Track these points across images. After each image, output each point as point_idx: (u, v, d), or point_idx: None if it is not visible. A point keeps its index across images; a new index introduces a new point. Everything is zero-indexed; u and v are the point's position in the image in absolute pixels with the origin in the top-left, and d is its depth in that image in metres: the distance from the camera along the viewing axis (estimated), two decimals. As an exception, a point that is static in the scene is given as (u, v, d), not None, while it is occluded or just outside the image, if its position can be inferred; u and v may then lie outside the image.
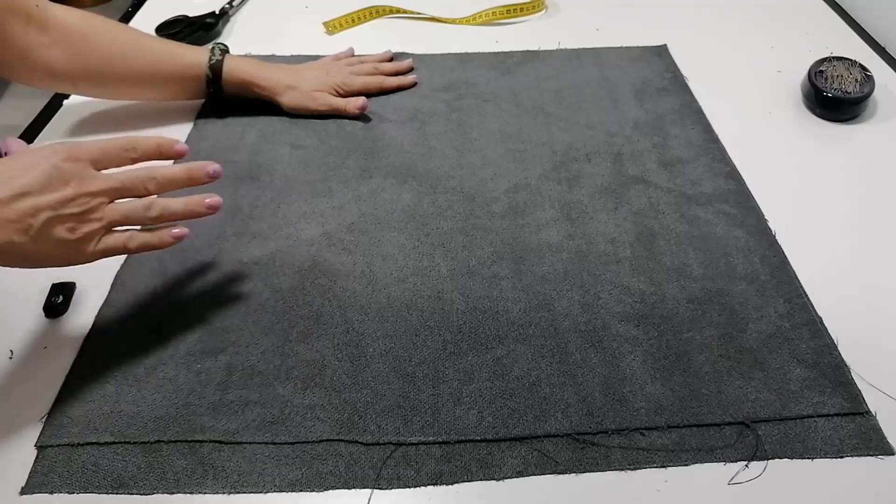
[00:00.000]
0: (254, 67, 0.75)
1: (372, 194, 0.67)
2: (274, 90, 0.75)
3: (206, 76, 0.73)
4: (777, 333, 0.54)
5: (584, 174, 0.69)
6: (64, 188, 0.45)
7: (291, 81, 0.76)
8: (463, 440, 0.47)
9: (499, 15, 0.94)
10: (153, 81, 0.73)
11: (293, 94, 0.75)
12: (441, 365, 0.52)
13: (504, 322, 0.55)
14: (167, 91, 0.75)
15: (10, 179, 0.43)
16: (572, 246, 0.61)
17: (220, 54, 0.74)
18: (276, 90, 0.75)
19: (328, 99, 0.76)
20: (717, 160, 0.70)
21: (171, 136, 0.52)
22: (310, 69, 0.79)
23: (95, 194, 0.46)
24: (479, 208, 0.65)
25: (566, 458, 0.46)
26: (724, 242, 0.61)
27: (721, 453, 0.46)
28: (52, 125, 0.76)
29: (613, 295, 0.57)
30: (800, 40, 0.89)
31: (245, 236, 0.63)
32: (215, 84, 0.74)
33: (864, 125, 0.75)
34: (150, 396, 0.50)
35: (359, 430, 0.48)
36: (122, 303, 0.57)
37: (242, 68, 0.74)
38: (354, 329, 0.54)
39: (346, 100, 0.77)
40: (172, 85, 0.74)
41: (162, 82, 0.74)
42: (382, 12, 0.95)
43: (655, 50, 0.87)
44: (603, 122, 0.76)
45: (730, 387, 0.50)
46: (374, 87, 0.79)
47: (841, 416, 0.48)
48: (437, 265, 0.60)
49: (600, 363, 0.52)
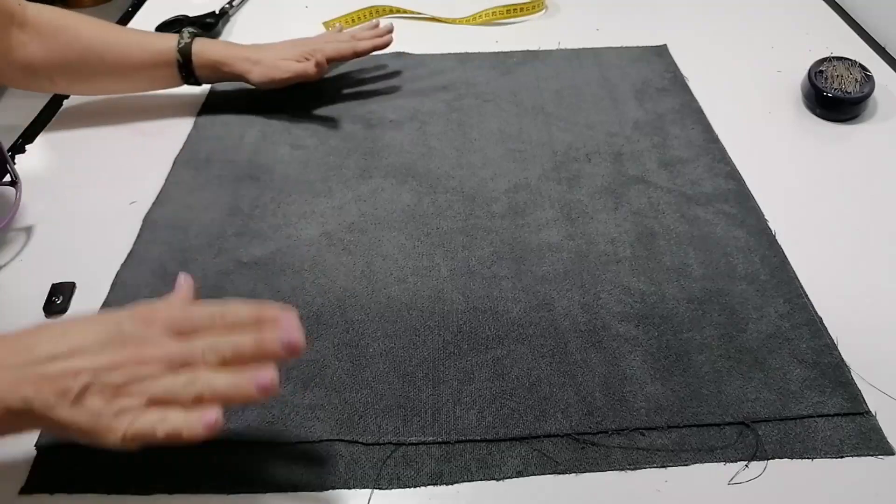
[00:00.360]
0: (222, 48, 0.75)
1: (372, 194, 0.67)
2: (241, 67, 0.74)
3: (177, 60, 0.72)
4: (777, 333, 0.54)
5: (584, 174, 0.69)
6: (117, 352, 0.39)
7: (257, 57, 0.74)
8: (463, 440, 0.47)
9: (499, 15, 0.94)
10: (127, 71, 0.73)
11: (259, 68, 0.74)
12: (441, 365, 0.52)
13: (504, 322, 0.55)
14: (143, 80, 0.75)
15: (67, 335, 0.40)
16: (572, 246, 0.61)
17: (189, 37, 0.73)
18: (242, 67, 0.74)
19: (290, 65, 0.74)
20: (717, 160, 0.70)
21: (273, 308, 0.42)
22: (281, 44, 0.78)
23: (148, 363, 0.39)
24: (479, 208, 0.65)
25: (566, 458, 0.46)
26: (724, 242, 0.61)
27: (721, 453, 0.46)
28: (53, 125, 0.77)
29: (613, 295, 0.57)
30: (800, 40, 0.89)
31: (245, 236, 0.63)
32: (186, 68, 0.73)
33: (864, 125, 0.75)
34: (150, 396, 0.50)
35: (359, 430, 0.48)
36: (122, 303, 0.56)
37: (212, 49, 0.73)
38: (354, 329, 0.54)
39: (305, 63, 0.75)
40: (146, 73, 0.73)
41: (135, 71, 0.73)
42: (382, 12, 0.95)
43: (655, 50, 0.87)
44: (603, 122, 0.76)
45: (730, 387, 0.50)
46: (348, 50, 0.77)
47: (841, 416, 0.48)
48: (437, 265, 0.60)
49: (600, 363, 0.52)
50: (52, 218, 0.65)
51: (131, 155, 0.72)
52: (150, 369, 0.39)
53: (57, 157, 0.72)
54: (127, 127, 0.75)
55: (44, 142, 0.74)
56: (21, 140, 0.74)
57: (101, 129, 0.75)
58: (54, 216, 0.65)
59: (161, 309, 0.42)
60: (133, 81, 0.75)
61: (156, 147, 0.73)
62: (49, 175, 0.70)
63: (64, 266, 0.59)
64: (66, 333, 0.40)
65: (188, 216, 0.64)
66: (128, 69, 0.72)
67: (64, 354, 0.39)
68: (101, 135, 0.75)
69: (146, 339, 0.40)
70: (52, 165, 0.71)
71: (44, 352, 0.39)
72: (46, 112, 0.78)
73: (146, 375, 0.39)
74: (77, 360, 0.39)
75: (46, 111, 0.79)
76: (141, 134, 0.75)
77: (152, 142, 0.74)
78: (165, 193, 0.67)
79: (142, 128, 0.75)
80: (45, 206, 0.66)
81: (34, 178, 0.69)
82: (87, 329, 0.40)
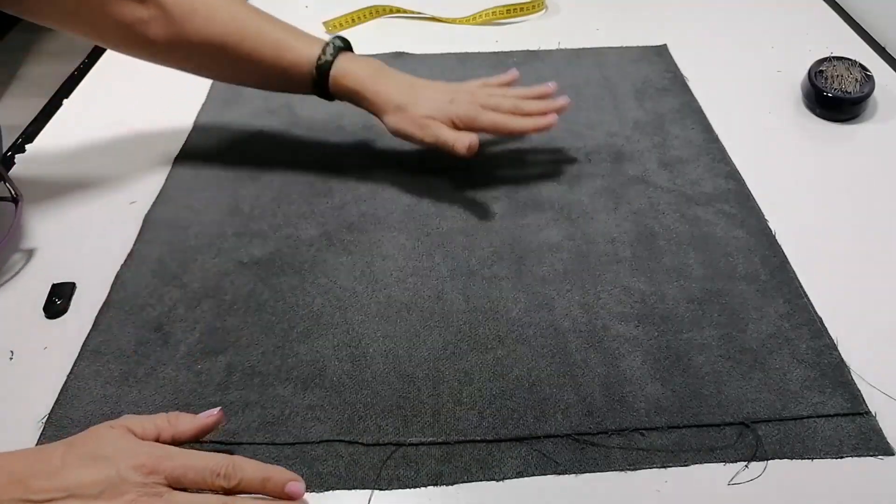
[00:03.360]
0: (367, 76, 0.63)
1: (372, 194, 0.67)
2: (381, 108, 0.63)
3: (312, 77, 0.63)
4: (777, 333, 0.54)
5: (584, 174, 0.69)
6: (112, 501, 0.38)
7: (403, 101, 0.62)
8: (463, 440, 0.47)
9: (499, 15, 0.94)
10: (259, 69, 0.64)
11: (399, 116, 0.62)
12: (441, 365, 0.52)
13: (504, 322, 0.55)
14: (275, 83, 0.66)
15: (64, 473, 0.38)
16: (572, 246, 0.61)
17: (334, 52, 0.63)
18: (383, 109, 0.63)
19: (439, 130, 0.61)
20: (717, 160, 0.70)
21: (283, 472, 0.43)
22: (433, 90, 0.65)
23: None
24: (479, 208, 0.65)
25: (566, 459, 0.46)
26: (725, 242, 0.61)
27: (721, 454, 0.46)
28: (53, 125, 0.76)
29: (613, 295, 0.57)
30: (800, 40, 0.89)
31: (245, 236, 0.63)
32: (321, 86, 0.64)
33: (864, 125, 0.75)
34: (151, 397, 0.50)
35: (359, 430, 0.48)
36: (122, 303, 0.57)
37: (354, 75, 0.63)
38: (354, 329, 0.54)
39: (456, 134, 0.61)
40: (278, 78, 0.64)
41: (268, 72, 0.64)
42: (382, 12, 0.95)
43: (655, 50, 0.87)
44: (603, 121, 0.76)
45: (730, 387, 0.50)
46: (504, 128, 0.64)
47: (841, 417, 0.48)
48: (437, 265, 0.60)
49: (600, 363, 0.52)
50: (53, 218, 0.65)
51: (131, 155, 0.72)
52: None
53: (57, 157, 0.72)
54: (127, 127, 0.75)
55: (44, 142, 0.74)
56: (21, 140, 0.74)
57: (100, 128, 0.75)
58: (54, 216, 0.65)
59: (164, 461, 0.40)
60: (264, 80, 0.66)
61: (156, 147, 0.73)
62: (49, 175, 0.70)
63: (64, 266, 0.60)
64: (63, 469, 0.39)
65: (188, 216, 0.64)
66: (260, 68, 0.64)
67: (56, 493, 0.38)
68: (101, 135, 0.75)
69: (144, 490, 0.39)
70: (53, 165, 0.71)
71: (39, 487, 0.38)
72: (46, 112, 0.78)
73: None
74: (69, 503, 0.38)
75: (46, 111, 0.79)
76: (141, 134, 0.75)
77: (152, 141, 0.74)
78: (165, 193, 0.67)
79: (142, 127, 0.75)
80: (45, 206, 0.66)
81: (34, 178, 0.69)
82: (85, 466, 0.39)
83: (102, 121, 0.76)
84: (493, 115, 0.63)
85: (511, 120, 0.63)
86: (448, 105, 0.63)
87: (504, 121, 0.63)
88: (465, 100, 0.63)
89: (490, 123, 0.63)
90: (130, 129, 0.75)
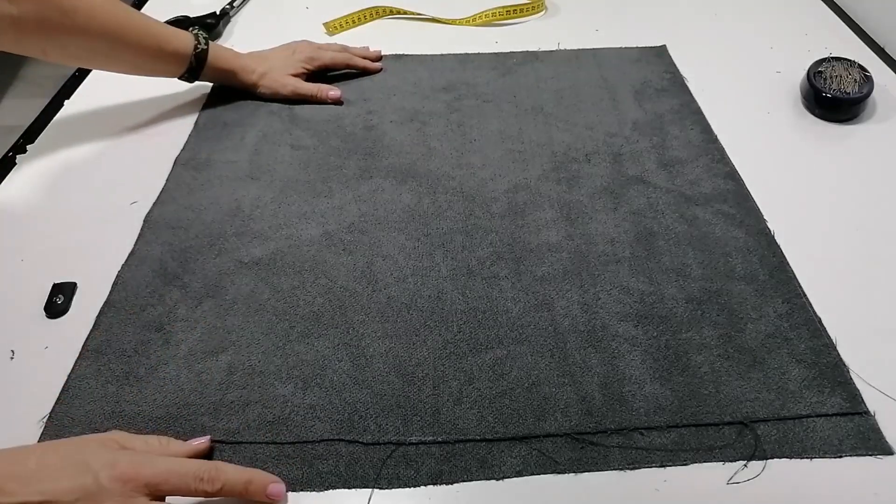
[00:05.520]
0: (233, 57, 0.77)
1: (372, 194, 0.67)
2: (251, 80, 0.78)
3: (190, 63, 0.73)
4: (776, 333, 0.54)
5: (584, 174, 0.69)
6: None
7: (263, 69, 0.78)
8: (463, 440, 0.47)
9: (499, 16, 0.94)
10: (135, 60, 0.71)
11: (265, 80, 0.78)
12: (441, 365, 0.52)
13: (504, 322, 0.55)
14: (145, 69, 0.74)
15: (40, 477, 0.38)
16: (572, 246, 0.61)
17: (205, 43, 0.74)
18: (252, 80, 0.78)
19: (296, 85, 0.78)
20: (716, 160, 0.70)
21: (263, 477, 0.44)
22: (279, 52, 0.81)
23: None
24: (479, 208, 0.65)
25: (566, 458, 0.46)
26: (723, 242, 0.61)
27: (720, 453, 0.46)
28: (53, 125, 0.77)
29: (613, 295, 0.57)
30: (799, 40, 0.89)
31: (245, 236, 0.63)
32: (194, 70, 0.74)
33: (863, 125, 0.75)
34: (152, 396, 0.50)
35: (359, 429, 0.48)
36: (122, 303, 0.57)
37: (223, 58, 0.76)
38: (354, 329, 0.55)
39: (317, 86, 0.79)
40: (152, 65, 0.73)
41: (143, 62, 0.72)
42: (383, 13, 0.95)
43: (655, 50, 0.88)
44: (602, 122, 0.76)
45: (729, 386, 0.50)
46: (342, 62, 0.82)
47: (840, 416, 0.48)
48: (437, 265, 0.60)
49: (599, 363, 0.52)
50: (53, 218, 0.65)
51: (131, 155, 0.72)
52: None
53: (58, 157, 0.72)
54: (127, 127, 0.76)
55: (44, 142, 0.74)
56: (22, 140, 0.75)
57: (101, 129, 0.75)
58: (55, 216, 0.65)
59: (145, 467, 0.40)
60: (135, 68, 0.73)
61: (156, 147, 0.73)
62: (50, 175, 0.70)
63: (65, 266, 0.60)
64: (39, 472, 0.39)
65: (189, 216, 0.65)
66: (137, 58, 0.71)
67: (34, 502, 0.37)
68: (102, 135, 0.75)
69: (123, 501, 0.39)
70: (53, 165, 0.71)
71: (11, 490, 0.38)
72: (47, 112, 0.79)
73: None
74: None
75: (47, 111, 0.79)
76: (141, 134, 0.75)
77: (152, 142, 0.74)
78: (166, 193, 0.67)
79: (142, 128, 0.76)
80: (46, 206, 0.66)
81: (35, 178, 0.69)
82: (62, 475, 0.39)
83: (103, 121, 0.76)
84: (331, 53, 0.82)
85: (346, 56, 0.82)
86: (293, 56, 0.80)
87: (341, 56, 0.82)
88: (304, 48, 0.82)
89: (330, 59, 0.82)
90: (131, 129, 0.75)
